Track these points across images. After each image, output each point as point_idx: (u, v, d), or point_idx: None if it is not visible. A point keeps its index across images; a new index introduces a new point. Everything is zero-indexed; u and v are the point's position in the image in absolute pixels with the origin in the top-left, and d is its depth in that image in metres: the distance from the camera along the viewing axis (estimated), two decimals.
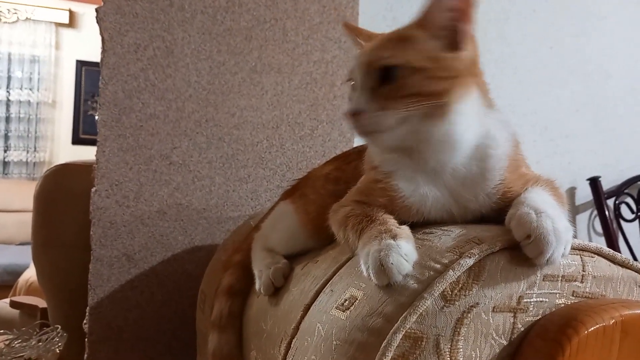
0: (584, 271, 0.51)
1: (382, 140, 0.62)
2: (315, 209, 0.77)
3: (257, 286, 0.79)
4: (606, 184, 2.01)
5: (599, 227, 2.03)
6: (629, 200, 2.07)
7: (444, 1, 0.61)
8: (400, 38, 0.63)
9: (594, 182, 1.97)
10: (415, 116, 0.59)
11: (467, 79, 0.61)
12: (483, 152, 0.61)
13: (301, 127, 1.43)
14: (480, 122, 0.62)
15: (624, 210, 2.06)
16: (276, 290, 0.75)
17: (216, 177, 1.34)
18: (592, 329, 0.44)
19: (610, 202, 2.03)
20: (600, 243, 2.05)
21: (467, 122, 0.61)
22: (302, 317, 0.59)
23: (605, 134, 2.09)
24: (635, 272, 0.55)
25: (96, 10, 1.26)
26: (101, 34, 1.26)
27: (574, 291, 0.50)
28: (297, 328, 0.59)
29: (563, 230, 0.50)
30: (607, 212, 1.97)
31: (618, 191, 2.05)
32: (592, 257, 0.53)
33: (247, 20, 1.37)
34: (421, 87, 0.59)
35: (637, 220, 2.06)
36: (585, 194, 2.02)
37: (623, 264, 0.54)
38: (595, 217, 2.07)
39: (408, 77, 0.59)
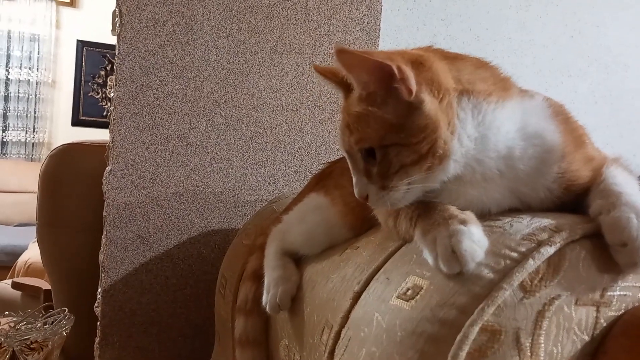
0: None
1: (403, 206, 0.58)
2: (355, 201, 0.73)
3: (263, 300, 0.76)
4: None
5: None
6: None
7: (361, 75, 0.56)
8: (359, 116, 0.58)
9: None
10: (416, 182, 0.55)
11: (449, 116, 0.55)
12: (523, 153, 0.56)
13: (321, 110, 1.39)
14: (497, 131, 0.56)
15: None
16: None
17: (234, 159, 1.30)
18: None
19: None
20: None
21: (477, 145, 0.56)
22: (352, 306, 0.56)
23: (621, 126, 2.06)
24: None
25: None
26: (119, 7, 1.21)
27: None
28: (346, 317, 0.56)
29: None
30: None
31: None
32: None
33: None
34: (404, 160, 0.55)
35: None
36: None
37: None
38: None
39: (386, 155, 0.56)
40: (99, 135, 4.46)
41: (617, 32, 2.02)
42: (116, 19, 1.25)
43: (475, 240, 0.47)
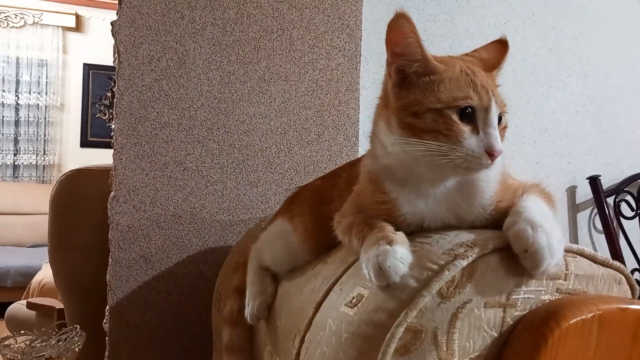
0: (567, 270, 0.56)
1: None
2: (315, 227, 0.83)
3: (245, 312, 0.88)
4: (606, 183, 2.05)
5: (599, 224, 2.07)
6: (629, 198, 2.12)
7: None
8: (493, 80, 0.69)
9: (594, 181, 2.02)
10: None
11: None
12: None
13: (308, 132, 1.49)
14: None
15: (624, 208, 2.10)
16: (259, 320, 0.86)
17: (228, 181, 1.41)
18: (572, 321, 0.50)
19: (610, 200, 2.07)
20: (600, 241, 2.06)
21: None
22: (314, 314, 0.65)
23: (604, 134, 2.13)
24: (615, 270, 0.60)
25: (111, 23, 1.32)
26: (117, 46, 1.32)
27: (557, 288, 0.56)
28: (309, 324, 0.65)
29: (556, 245, 0.55)
30: (607, 210, 2.01)
31: (618, 189, 2.09)
32: (574, 257, 0.58)
33: (255, 31, 1.43)
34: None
35: (637, 218, 2.11)
36: (585, 192, 2.07)
37: (603, 264, 0.60)
38: (595, 215, 2.12)
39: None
40: (108, 155, 4.57)
41: (595, 43, 2.10)
42: (115, 55, 1.36)
43: (398, 257, 0.56)
